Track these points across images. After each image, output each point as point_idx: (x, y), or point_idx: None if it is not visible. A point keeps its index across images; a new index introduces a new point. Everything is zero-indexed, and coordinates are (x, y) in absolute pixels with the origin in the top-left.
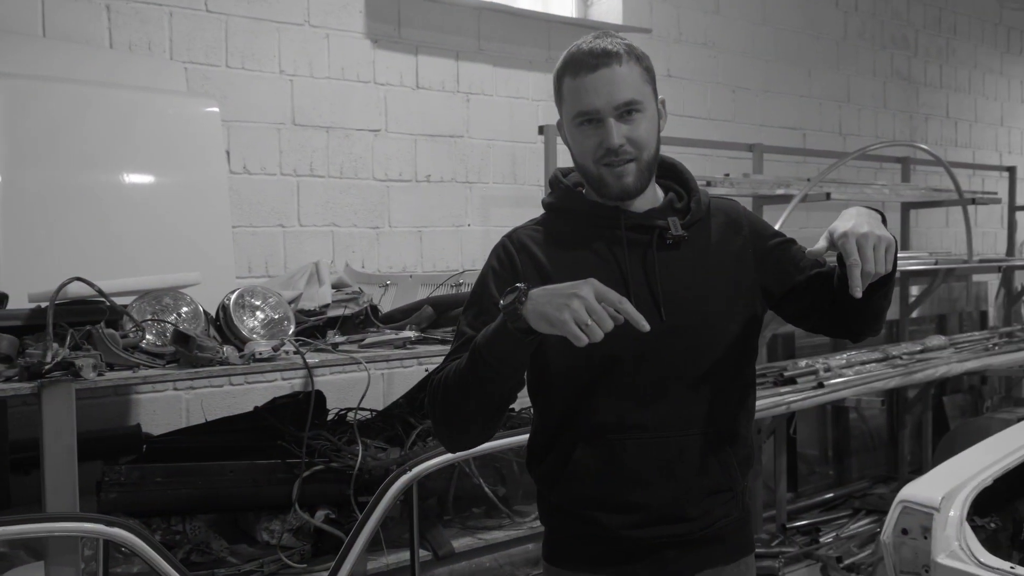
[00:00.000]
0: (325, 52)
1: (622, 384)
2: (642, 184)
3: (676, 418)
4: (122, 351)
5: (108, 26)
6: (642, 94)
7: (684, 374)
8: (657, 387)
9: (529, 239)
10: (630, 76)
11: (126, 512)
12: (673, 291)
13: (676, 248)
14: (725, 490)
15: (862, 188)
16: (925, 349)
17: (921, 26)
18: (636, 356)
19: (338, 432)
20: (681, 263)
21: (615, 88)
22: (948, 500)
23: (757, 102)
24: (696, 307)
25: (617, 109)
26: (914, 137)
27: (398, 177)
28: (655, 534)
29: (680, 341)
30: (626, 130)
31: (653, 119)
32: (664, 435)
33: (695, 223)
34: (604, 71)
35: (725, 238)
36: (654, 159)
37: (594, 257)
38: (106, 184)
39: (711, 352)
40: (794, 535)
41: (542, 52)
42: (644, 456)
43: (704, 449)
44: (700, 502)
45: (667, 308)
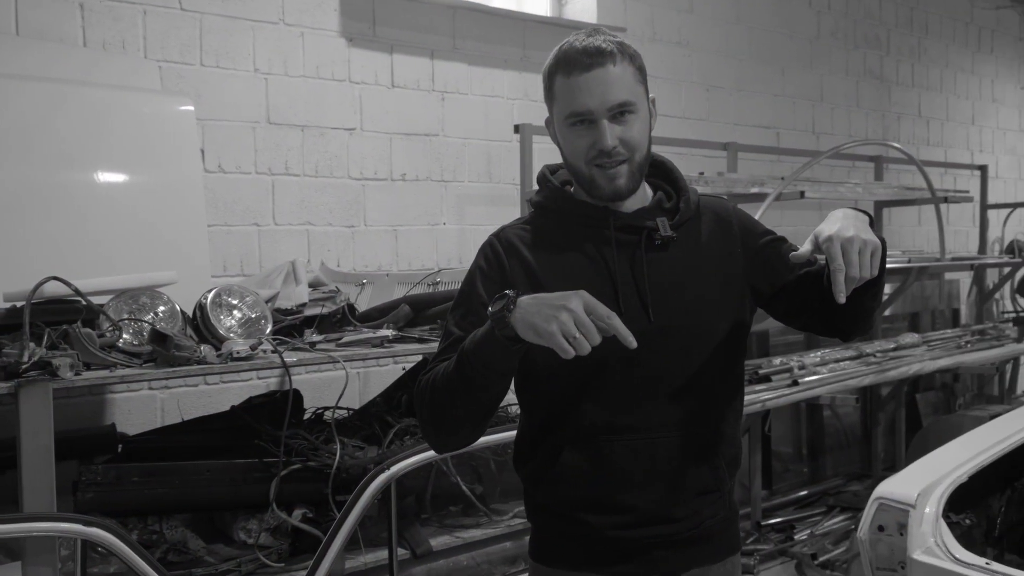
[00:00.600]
0: (300, 51)
1: (610, 385)
2: (634, 185)
3: (664, 419)
4: (99, 350)
5: (82, 24)
6: (635, 94)
7: (673, 375)
8: (645, 388)
9: (517, 238)
10: (624, 76)
11: (103, 512)
12: (661, 292)
13: (665, 248)
14: (713, 490)
15: (835, 187)
16: (898, 347)
17: (893, 25)
18: (624, 357)
19: (315, 431)
20: (670, 263)
21: (609, 89)
22: (924, 497)
23: (731, 101)
24: (685, 308)
25: (611, 110)
26: (887, 136)
27: (373, 176)
28: (643, 535)
29: (669, 342)
30: (619, 131)
31: (645, 119)
32: (652, 436)
33: (684, 223)
34: (598, 71)
35: (714, 237)
36: (646, 160)
37: (583, 258)
38: (81, 183)
39: (700, 353)
40: (769, 532)
41: (517, 51)
42: (632, 457)
43: (693, 450)
44: (688, 503)
45: (655, 309)
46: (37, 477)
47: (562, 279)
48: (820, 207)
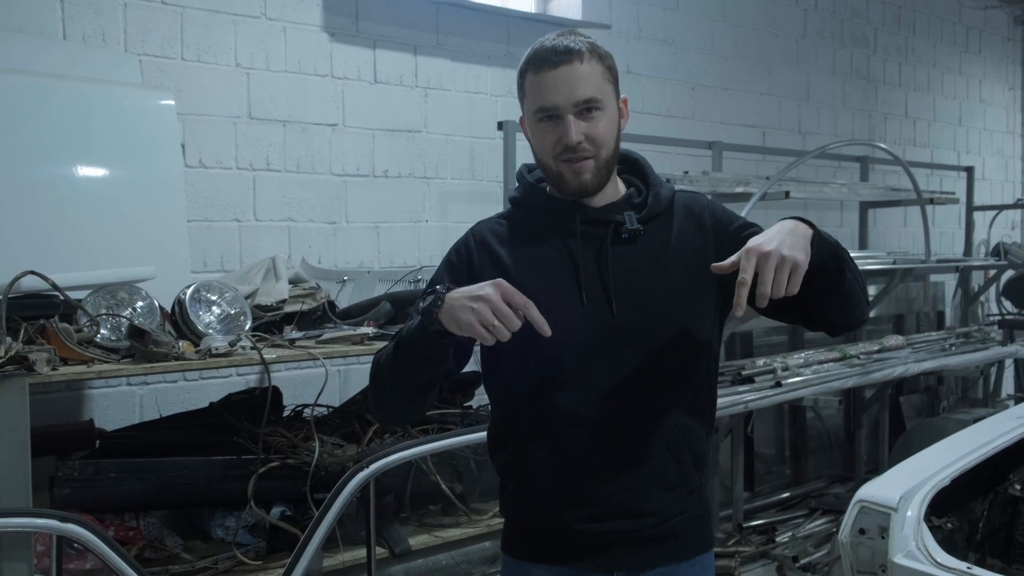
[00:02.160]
0: (282, 45)
1: (574, 377)
2: (600, 181)
3: (629, 413)
4: (76, 345)
5: (62, 18)
6: (602, 92)
7: (636, 369)
8: (607, 381)
9: (491, 233)
10: (591, 74)
11: (80, 508)
12: (625, 286)
13: (632, 242)
14: (679, 486)
15: (821, 187)
16: (882, 349)
17: (880, 24)
18: (588, 350)
19: (295, 428)
20: (636, 258)
21: (575, 85)
22: (906, 500)
23: (717, 99)
24: (648, 302)
25: (576, 106)
26: (873, 136)
27: (355, 172)
28: (608, 529)
29: (631, 335)
30: (585, 127)
31: (613, 118)
32: (617, 429)
33: (653, 218)
34: (565, 68)
35: (686, 232)
36: (612, 157)
37: (550, 252)
38: (60, 177)
39: (663, 347)
40: (750, 534)
41: (501, 47)
42: (596, 450)
43: (658, 445)
44: (654, 498)
45: (618, 303)
46: (13, 473)
47: (529, 272)
48: (806, 207)
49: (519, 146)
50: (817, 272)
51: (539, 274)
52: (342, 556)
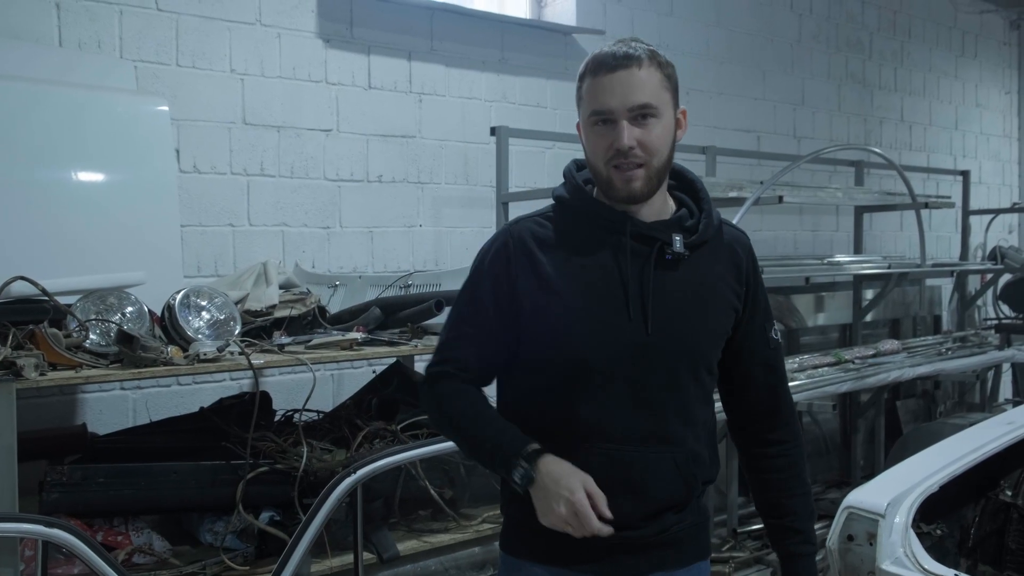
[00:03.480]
0: (276, 51)
1: (594, 391)
2: (649, 190)
3: (643, 432)
4: (65, 350)
5: (58, 24)
6: (659, 100)
7: (657, 391)
8: (629, 399)
9: (531, 235)
10: (648, 80)
11: (69, 512)
12: (663, 309)
13: (675, 266)
14: (686, 505)
15: (816, 191)
16: (878, 353)
17: (875, 29)
18: (612, 368)
19: (284, 433)
20: (676, 282)
21: (631, 90)
22: (893, 506)
23: (711, 104)
24: (681, 328)
25: (631, 111)
26: (868, 140)
27: (349, 177)
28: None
29: (659, 358)
30: (638, 133)
31: (668, 127)
32: (631, 448)
33: (700, 245)
34: (622, 72)
35: (725, 268)
36: (664, 167)
37: (595, 263)
38: (54, 182)
39: (686, 374)
40: (745, 540)
41: (495, 53)
42: (607, 465)
43: (670, 469)
44: (657, 516)
45: (655, 325)
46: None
47: (571, 282)
48: (800, 212)
49: (512, 151)
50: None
51: (582, 285)
52: (330, 562)
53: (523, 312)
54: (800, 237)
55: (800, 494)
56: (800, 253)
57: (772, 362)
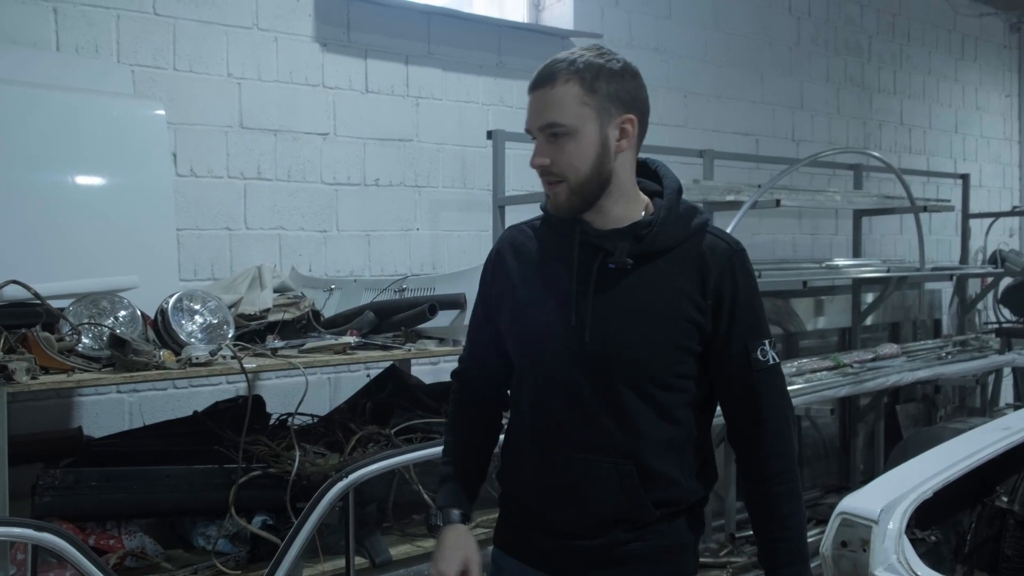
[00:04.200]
0: (274, 55)
1: (545, 401)
2: (573, 205)
3: (585, 442)
4: (57, 354)
5: (55, 29)
6: (573, 116)
7: (597, 402)
8: (573, 410)
9: (512, 243)
10: (561, 98)
11: (61, 516)
12: (603, 318)
13: (625, 274)
14: (632, 519)
15: (814, 195)
16: (877, 357)
17: (874, 32)
18: (553, 374)
19: (278, 437)
20: (623, 291)
21: (542, 109)
22: (887, 512)
23: (709, 107)
24: (618, 339)
25: (542, 130)
26: (867, 143)
27: (346, 181)
28: (558, 545)
29: (594, 368)
30: (550, 152)
31: (588, 142)
32: (572, 456)
33: (652, 254)
34: (539, 92)
35: (685, 280)
36: (589, 181)
37: (549, 271)
38: (51, 185)
39: (627, 387)
40: (743, 544)
41: (492, 56)
42: (549, 472)
43: (612, 478)
44: (604, 528)
45: (592, 336)
46: None
47: (528, 289)
48: (799, 215)
49: (509, 155)
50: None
51: (536, 295)
52: (323, 566)
53: (497, 312)
54: (799, 241)
55: (782, 539)
56: (799, 257)
57: (755, 384)
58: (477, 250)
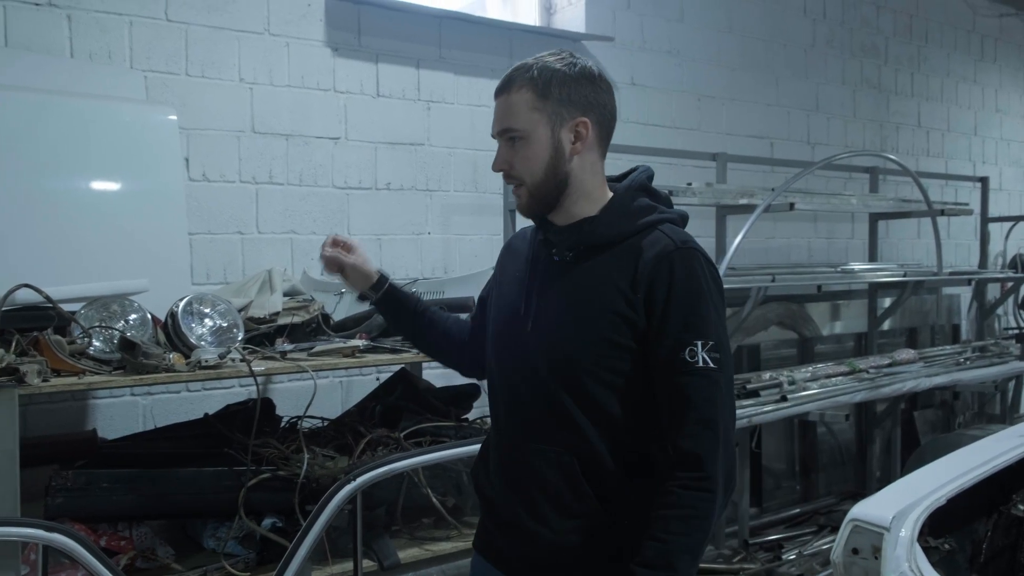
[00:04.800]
0: (285, 60)
1: (502, 393)
2: (532, 206)
3: (529, 432)
4: (69, 357)
5: (69, 35)
6: (526, 122)
7: (536, 393)
8: (517, 399)
9: (509, 245)
10: (516, 104)
11: (73, 517)
12: (545, 308)
13: (568, 269)
14: (580, 515)
15: (828, 198)
16: (893, 363)
17: (891, 34)
18: (503, 364)
19: (288, 440)
20: (563, 283)
21: (500, 115)
22: (899, 519)
23: (723, 110)
24: (552, 329)
25: (501, 135)
26: (884, 146)
27: (358, 185)
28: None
29: (536, 361)
30: (508, 156)
31: (542, 145)
32: (517, 444)
33: (594, 248)
34: (499, 99)
35: (618, 275)
36: (546, 182)
37: (519, 270)
38: (64, 191)
39: (554, 378)
40: (756, 551)
41: (504, 60)
42: (503, 460)
43: (554, 470)
44: (549, 519)
45: (534, 326)
46: (2, 481)
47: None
48: (815, 219)
49: None
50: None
51: (504, 286)
52: (331, 568)
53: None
54: (815, 245)
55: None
56: (814, 261)
57: (681, 384)
58: (489, 254)
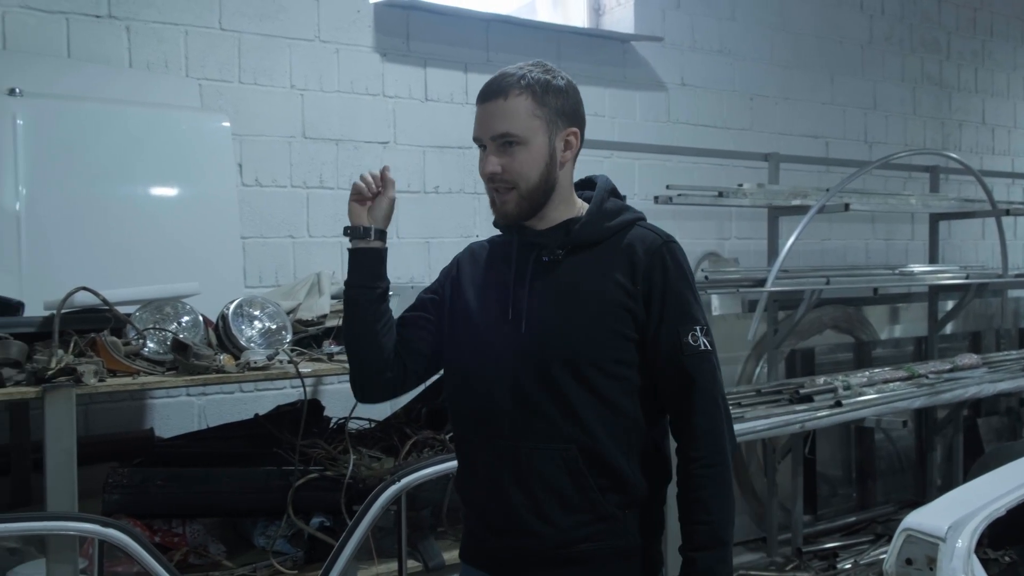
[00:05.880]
0: (335, 66)
1: (482, 392)
2: (522, 211)
3: (529, 428)
4: (124, 358)
5: (128, 46)
6: (525, 128)
7: (541, 390)
8: (513, 398)
9: (471, 253)
10: (514, 110)
11: (129, 514)
12: (539, 310)
13: (555, 268)
14: (583, 510)
15: (886, 199)
16: (955, 368)
17: (953, 28)
18: (495, 367)
19: (335, 441)
20: (554, 282)
21: (495, 120)
22: (955, 530)
23: (776, 110)
24: (552, 328)
25: (494, 140)
26: (946, 145)
27: (406, 188)
28: (513, 544)
29: (535, 357)
30: (503, 161)
31: (539, 152)
32: (515, 444)
33: (583, 246)
34: (490, 103)
35: (615, 269)
36: (538, 188)
37: (492, 276)
38: (122, 197)
39: (564, 372)
40: (811, 559)
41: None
42: (496, 462)
43: (558, 465)
44: (553, 517)
45: (528, 324)
46: (60, 478)
47: (473, 294)
48: (872, 220)
49: None
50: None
51: (479, 296)
52: (376, 568)
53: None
54: (872, 246)
55: (701, 522)
56: (872, 263)
57: (687, 368)
58: None
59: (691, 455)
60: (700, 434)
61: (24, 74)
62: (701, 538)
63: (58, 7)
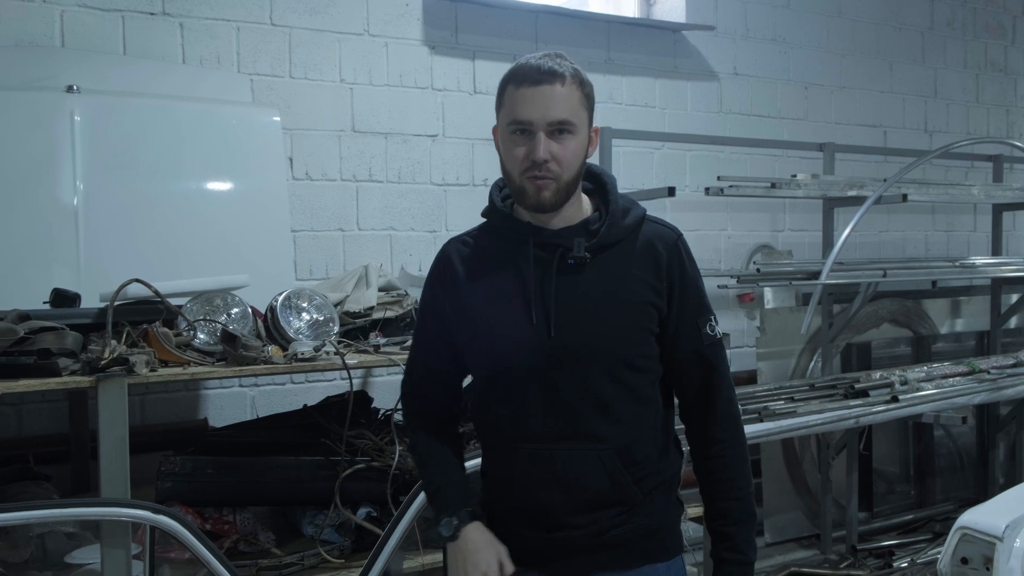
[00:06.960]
0: (384, 60)
1: (516, 395)
2: (558, 201)
3: (565, 431)
4: (175, 349)
5: (181, 43)
6: (577, 117)
7: (571, 390)
8: (547, 401)
9: (456, 254)
10: (569, 98)
11: (181, 501)
12: (568, 312)
13: (579, 268)
14: (617, 504)
15: (947, 189)
16: (1018, 363)
17: (1019, 12)
18: (529, 371)
19: (382, 432)
20: (581, 284)
21: (551, 105)
22: (1013, 529)
23: (832, 99)
24: (585, 328)
25: (550, 126)
26: (1011, 133)
27: (455, 181)
28: (544, 538)
29: (568, 359)
30: (555, 148)
31: (582, 143)
32: (551, 446)
33: (606, 247)
34: (546, 87)
35: (639, 267)
36: (574, 180)
37: (505, 275)
38: (174, 192)
39: (599, 372)
40: (866, 557)
41: (601, 53)
42: (532, 464)
43: (594, 463)
44: (587, 513)
45: (557, 327)
46: (113, 466)
47: (483, 295)
48: (933, 211)
49: (620, 152)
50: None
51: (492, 298)
52: (423, 558)
53: (453, 328)
54: (932, 238)
55: (733, 498)
56: (932, 255)
57: (707, 357)
58: None
59: (716, 436)
60: (724, 417)
61: (81, 71)
62: (736, 514)
63: (114, 5)
